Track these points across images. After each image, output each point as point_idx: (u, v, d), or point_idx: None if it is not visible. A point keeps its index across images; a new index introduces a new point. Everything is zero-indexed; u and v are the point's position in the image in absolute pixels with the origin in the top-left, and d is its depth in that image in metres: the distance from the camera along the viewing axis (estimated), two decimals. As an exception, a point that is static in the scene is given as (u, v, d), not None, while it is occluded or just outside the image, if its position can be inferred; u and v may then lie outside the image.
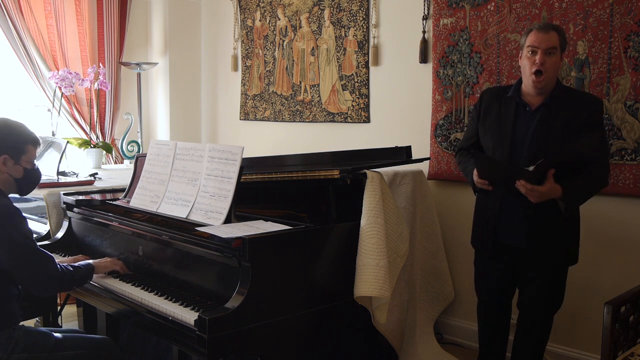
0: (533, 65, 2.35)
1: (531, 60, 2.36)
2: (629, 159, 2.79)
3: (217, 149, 2.49)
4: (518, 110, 2.47)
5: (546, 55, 2.34)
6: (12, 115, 4.52)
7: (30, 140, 2.32)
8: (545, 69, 2.34)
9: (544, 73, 2.35)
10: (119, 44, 4.90)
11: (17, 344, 2.14)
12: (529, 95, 2.46)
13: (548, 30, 2.36)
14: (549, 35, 2.35)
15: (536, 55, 2.35)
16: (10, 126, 2.30)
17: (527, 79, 2.42)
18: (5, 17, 4.34)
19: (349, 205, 2.47)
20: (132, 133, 4.86)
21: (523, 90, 2.48)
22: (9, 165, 2.26)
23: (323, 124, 4.21)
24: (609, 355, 1.97)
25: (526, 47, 2.39)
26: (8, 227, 2.14)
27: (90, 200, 3.03)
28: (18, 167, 2.28)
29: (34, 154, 2.34)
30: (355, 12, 3.94)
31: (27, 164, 2.31)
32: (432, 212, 3.26)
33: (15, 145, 2.27)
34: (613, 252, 2.91)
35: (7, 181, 2.28)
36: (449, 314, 3.49)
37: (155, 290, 2.33)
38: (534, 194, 2.30)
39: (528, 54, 2.38)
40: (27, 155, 2.30)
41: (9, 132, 2.28)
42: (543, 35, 2.35)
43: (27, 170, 2.31)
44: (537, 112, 2.43)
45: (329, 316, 2.37)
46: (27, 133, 2.32)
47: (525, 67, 2.41)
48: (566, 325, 3.04)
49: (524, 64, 2.42)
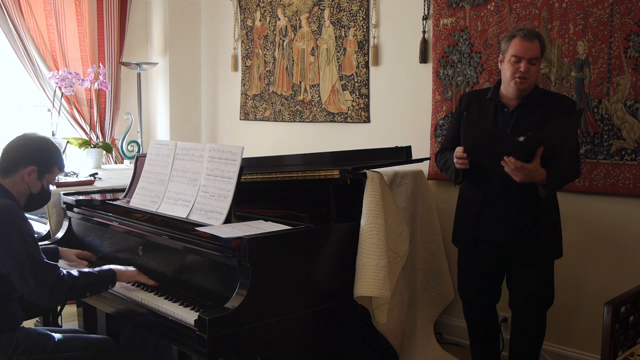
0: (517, 72, 2.43)
1: (515, 67, 2.43)
2: (629, 159, 2.79)
3: (217, 149, 2.49)
4: (497, 111, 2.55)
5: (529, 64, 2.42)
6: (12, 115, 4.54)
7: (60, 164, 2.39)
8: (528, 76, 2.43)
9: (527, 79, 2.43)
10: (119, 44, 4.90)
11: (17, 346, 2.14)
12: (506, 97, 2.53)
13: (532, 38, 2.42)
14: (533, 44, 2.42)
15: (520, 63, 2.41)
16: (49, 144, 2.36)
17: (507, 83, 2.49)
18: (5, 17, 4.34)
19: (349, 205, 2.47)
20: (132, 133, 4.86)
21: (501, 92, 2.56)
22: (32, 177, 2.28)
23: (323, 124, 4.21)
24: (609, 355, 1.97)
25: (510, 54, 2.44)
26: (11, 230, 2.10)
27: (90, 200, 3.03)
28: (38, 183, 2.31)
29: (55, 178, 2.41)
30: (355, 12, 3.94)
31: (46, 183, 2.35)
32: (432, 212, 3.26)
33: (46, 162, 2.32)
34: (613, 252, 2.91)
35: (23, 193, 2.29)
36: (449, 314, 3.49)
37: (155, 290, 2.33)
38: (521, 172, 2.28)
39: (512, 60, 2.44)
40: (50, 176, 2.35)
41: (46, 148, 2.34)
42: (528, 44, 2.41)
43: (43, 189, 2.35)
44: (514, 112, 2.51)
45: (329, 316, 2.37)
46: (60, 156, 2.40)
47: (506, 72, 2.48)
48: (565, 325, 3.04)
49: (505, 69, 2.49)
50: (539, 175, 2.31)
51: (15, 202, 2.23)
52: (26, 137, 2.34)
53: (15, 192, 2.26)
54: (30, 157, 2.27)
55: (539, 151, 2.28)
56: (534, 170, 2.29)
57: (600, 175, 2.86)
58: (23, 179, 2.26)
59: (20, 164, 2.25)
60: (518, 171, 2.29)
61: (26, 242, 2.12)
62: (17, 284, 2.12)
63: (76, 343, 2.27)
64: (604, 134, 2.85)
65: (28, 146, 2.30)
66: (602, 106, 2.85)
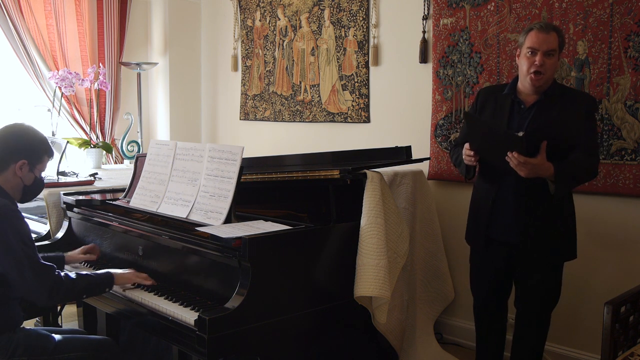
0: (532, 66, 2.36)
1: (530, 60, 2.36)
2: (629, 159, 2.79)
3: (217, 149, 2.49)
4: (513, 108, 2.48)
5: (545, 57, 2.35)
6: (12, 115, 4.54)
7: (48, 151, 2.35)
8: (544, 70, 2.35)
9: (543, 74, 2.36)
10: (119, 44, 4.90)
11: (18, 347, 2.13)
12: (524, 93, 2.47)
13: (549, 30, 2.36)
14: (550, 36, 2.35)
15: (536, 56, 2.35)
16: (33, 133, 2.32)
17: (524, 78, 2.42)
18: (5, 17, 4.34)
19: (349, 205, 2.47)
20: (132, 133, 4.86)
21: (519, 88, 2.49)
22: (24, 170, 2.26)
23: (323, 124, 4.21)
24: (609, 355, 1.97)
25: (526, 47, 2.38)
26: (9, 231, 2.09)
27: (90, 200, 3.03)
28: (31, 175, 2.29)
29: (46, 165, 2.37)
30: (355, 12, 3.93)
31: (38, 173, 2.33)
32: (432, 212, 3.26)
33: (34, 153, 2.29)
34: (613, 252, 2.91)
35: (17, 186, 2.27)
36: (449, 314, 3.49)
37: (155, 290, 2.33)
38: (525, 167, 2.23)
39: (527, 53, 2.38)
40: (41, 165, 2.33)
41: (32, 139, 2.30)
42: (544, 36, 2.34)
43: (36, 179, 2.33)
44: (531, 109, 2.44)
45: (329, 316, 2.37)
46: (47, 143, 2.35)
47: (523, 66, 2.41)
48: (566, 325, 3.04)
49: (521, 63, 2.42)
50: (546, 170, 2.25)
51: (10, 200, 2.22)
52: (9, 131, 2.29)
53: (9, 188, 2.24)
54: (18, 151, 2.24)
55: (544, 145, 2.22)
56: (539, 165, 2.23)
57: (600, 175, 2.86)
58: (15, 174, 2.24)
59: (10, 160, 2.23)
60: (522, 166, 2.23)
61: (24, 243, 2.11)
62: (16, 283, 2.11)
63: (76, 343, 2.27)
64: (604, 134, 2.85)
65: (13, 140, 2.26)
66: (602, 106, 2.85)
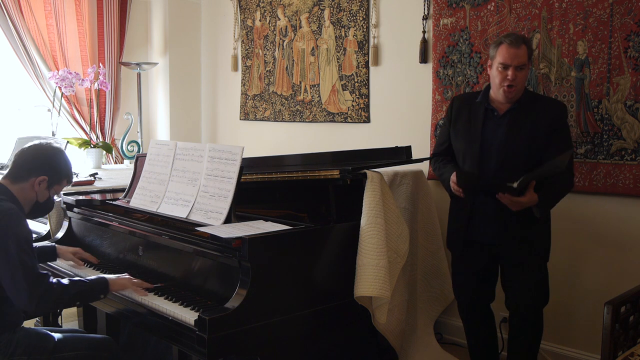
0: (505, 80, 2.45)
1: (503, 75, 2.45)
2: (629, 159, 2.79)
3: (217, 149, 2.49)
4: (487, 115, 2.56)
5: (517, 71, 2.44)
6: (12, 115, 4.54)
7: (69, 177, 2.42)
8: (516, 83, 2.44)
9: (515, 86, 2.45)
10: (119, 44, 4.90)
11: (17, 347, 2.14)
12: (497, 101, 2.55)
13: (519, 44, 2.43)
14: (520, 50, 2.43)
15: (508, 70, 2.43)
16: (63, 158, 2.39)
17: (497, 90, 2.52)
18: (5, 17, 4.34)
19: (349, 205, 2.47)
20: (132, 133, 4.86)
21: (491, 97, 2.58)
22: (42, 187, 2.30)
23: (323, 124, 4.21)
24: (609, 355, 1.97)
25: (497, 62, 2.46)
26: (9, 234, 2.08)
27: (90, 201, 3.04)
28: (46, 193, 2.33)
29: (62, 189, 2.43)
30: (355, 12, 3.93)
31: (53, 193, 2.37)
32: (432, 212, 3.26)
33: (57, 174, 2.34)
34: (613, 251, 2.91)
35: (30, 200, 2.30)
36: (449, 314, 3.49)
37: (155, 290, 2.33)
38: (515, 205, 2.38)
39: (499, 68, 2.46)
40: (59, 187, 2.37)
41: (60, 161, 2.36)
42: (514, 51, 2.42)
43: (49, 199, 2.37)
44: (504, 117, 2.53)
45: (329, 316, 2.37)
46: (71, 170, 2.42)
47: (495, 79, 2.50)
48: (565, 325, 3.04)
49: (494, 75, 2.51)
50: (533, 202, 2.38)
51: (19, 207, 2.23)
52: (41, 147, 2.35)
53: (22, 199, 2.27)
54: (43, 167, 2.29)
55: (532, 184, 2.34)
56: (528, 202, 2.37)
57: (600, 175, 2.86)
58: (33, 187, 2.28)
59: (32, 173, 2.27)
60: (513, 204, 2.38)
61: (22, 248, 2.09)
62: (6, 287, 2.09)
63: (76, 343, 2.27)
64: (604, 134, 2.85)
65: (43, 156, 2.32)
66: (602, 106, 2.85)
